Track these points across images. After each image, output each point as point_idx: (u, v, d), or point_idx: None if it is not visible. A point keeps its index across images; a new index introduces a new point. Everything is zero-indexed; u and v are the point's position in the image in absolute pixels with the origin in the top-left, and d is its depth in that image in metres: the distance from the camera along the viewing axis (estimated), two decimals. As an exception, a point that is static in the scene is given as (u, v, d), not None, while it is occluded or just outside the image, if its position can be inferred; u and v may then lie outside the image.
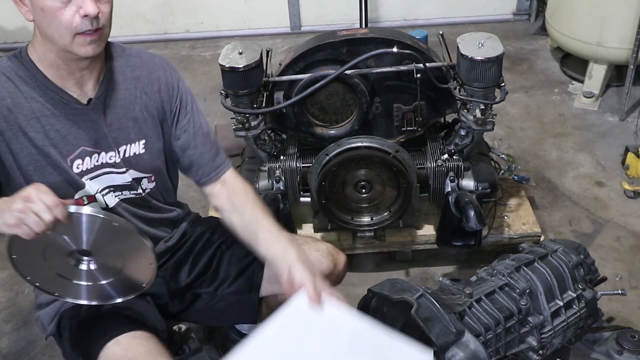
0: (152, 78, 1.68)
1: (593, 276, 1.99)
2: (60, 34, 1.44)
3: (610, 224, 2.72)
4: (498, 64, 2.06)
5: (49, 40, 1.47)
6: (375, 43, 2.18)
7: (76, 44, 1.45)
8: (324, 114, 2.28)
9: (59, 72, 1.52)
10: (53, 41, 1.46)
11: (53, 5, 1.41)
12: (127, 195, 1.68)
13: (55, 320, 1.68)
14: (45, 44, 1.49)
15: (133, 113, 1.65)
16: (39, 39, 1.50)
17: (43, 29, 1.46)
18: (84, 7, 1.41)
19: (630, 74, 3.21)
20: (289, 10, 4.53)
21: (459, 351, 1.61)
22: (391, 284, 1.78)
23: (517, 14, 4.54)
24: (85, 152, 1.58)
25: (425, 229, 2.43)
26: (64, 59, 1.50)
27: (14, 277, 2.67)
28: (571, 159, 3.13)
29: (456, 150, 2.26)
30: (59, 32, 1.43)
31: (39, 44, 1.50)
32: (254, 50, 2.18)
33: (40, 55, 1.51)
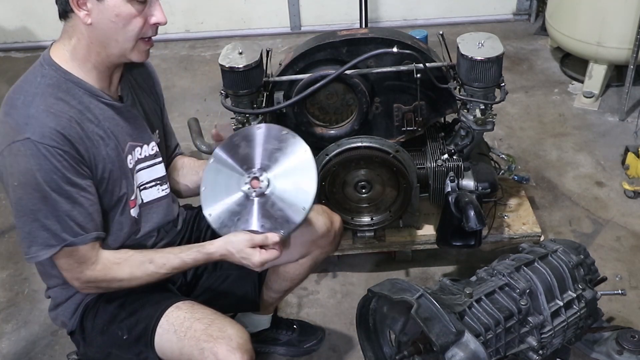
0: (150, 72, 1.78)
1: (593, 276, 1.99)
2: (127, 40, 1.49)
3: (610, 224, 2.72)
4: (498, 64, 2.06)
5: (102, 45, 1.49)
6: (375, 43, 2.18)
7: (136, 50, 1.52)
8: (324, 114, 2.28)
9: (99, 76, 1.55)
10: (111, 45, 1.49)
11: (130, 12, 1.45)
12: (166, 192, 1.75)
13: (77, 314, 1.69)
14: (95, 48, 1.50)
15: (148, 105, 1.73)
16: (84, 43, 1.49)
17: (105, 34, 1.47)
18: (156, 15, 1.50)
19: (630, 74, 3.21)
20: (289, 10, 4.53)
21: (459, 351, 1.61)
22: (391, 284, 1.78)
23: (517, 14, 4.54)
24: (132, 147, 1.63)
25: (425, 229, 2.42)
26: (109, 64, 1.54)
27: (14, 277, 2.67)
28: (571, 159, 3.13)
29: (456, 150, 2.26)
30: (126, 37, 1.48)
31: (81, 48, 1.50)
32: (254, 50, 2.18)
33: (79, 61, 1.51)
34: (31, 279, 2.64)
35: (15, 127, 1.43)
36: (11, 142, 1.42)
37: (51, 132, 1.42)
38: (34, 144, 1.41)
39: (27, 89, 1.48)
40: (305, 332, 2.27)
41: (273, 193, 1.57)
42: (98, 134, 1.52)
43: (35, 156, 1.41)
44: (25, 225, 1.47)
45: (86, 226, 1.50)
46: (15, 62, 4.49)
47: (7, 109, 1.47)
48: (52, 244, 1.47)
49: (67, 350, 2.20)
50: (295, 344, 2.23)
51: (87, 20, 1.45)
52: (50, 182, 1.43)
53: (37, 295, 2.56)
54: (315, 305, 2.45)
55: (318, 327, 2.31)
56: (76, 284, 1.57)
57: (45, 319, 2.45)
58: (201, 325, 1.53)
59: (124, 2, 1.44)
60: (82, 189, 1.49)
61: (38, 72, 1.51)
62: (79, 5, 1.44)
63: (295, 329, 2.25)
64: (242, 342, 1.52)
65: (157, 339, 1.56)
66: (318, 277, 2.56)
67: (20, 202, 1.45)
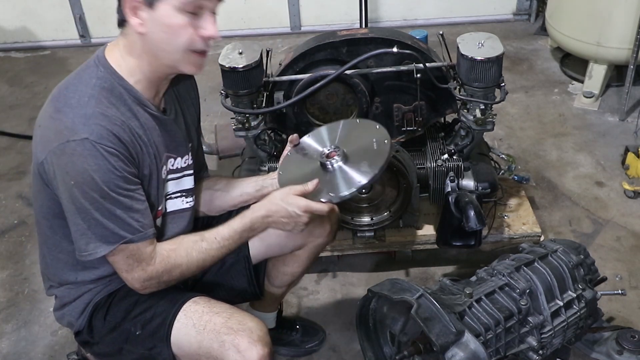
0: (193, 84, 1.79)
1: (593, 276, 1.99)
2: (176, 50, 1.48)
3: (610, 224, 2.72)
4: (498, 64, 2.06)
5: (154, 55, 1.50)
6: (375, 43, 2.18)
7: (185, 62, 1.51)
8: (324, 114, 2.28)
9: (148, 85, 1.56)
10: (161, 56, 1.50)
11: (180, 23, 1.45)
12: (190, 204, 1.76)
13: (85, 313, 1.68)
14: (146, 57, 1.51)
15: (190, 118, 1.74)
16: (137, 51, 1.50)
17: (156, 44, 1.48)
18: (208, 28, 1.48)
19: (630, 74, 3.21)
20: (289, 10, 4.53)
21: (459, 351, 1.61)
22: (391, 284, 1.78)
23: (517, 14, 4.54)
24: (167, 157, 1.65)
25: (425, 229, 2.42)
26: (160, 74, 1.56)
27: (14, 277, 2.67)
28: (571, 159, 3.13)
29: (456, 150, 2.26)
30: (175, 48, 1.48)
31: (134, 57, 1.51)
32: (254, 50, 2.18)
33: (131, 68, 1.52)
34: (31, 279, 2.64)
35: (71, 126, 1.42)
36: (66, 140, 1.42)
37: (108, 134, 1.43)
38: (92, 145, 1.41)
39: (82, 89, 1.47)
40: (307, 332, 2.27)
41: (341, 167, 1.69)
42: (142, 141, 1.53)
43: (93, 156, 1.41)
44: (83, 222, 1.47)
45: (144, 222, 1.51)
46: (15, 62, 4.49)
47: (60, 105, 1.47)
48: (110, 241, 1.48)
49: (67, 350, 2.20)
50: (297, 344, 2.23)
51: (140, 29, 1.46)
52: (108, 182, 1.44)
53: (37, 295, 2.56)
54: (315, 305, 2.45)
55: (319, 328, 2.31)
56: (137, 285, 1.57)
57: (45, 319, 2.45)
58: (220, 318, 1.55)
59: (175, 13, 1.44)
60: (137, 187, 1.51)
61: (93, 73, 1.50)
62: (133, 14, 1.45)
63: (298, 329, 2.26)
64: (262, 334, 1.53)
65: (174, 333, 1.57)
66: (318, 277, 2.56)
67: (77, 201, 1.45)
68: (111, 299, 1.67)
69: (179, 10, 1.44)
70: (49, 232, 1.63)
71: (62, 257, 1.64)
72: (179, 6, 1.43)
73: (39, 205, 1.60)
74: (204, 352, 1.53)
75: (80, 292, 1.68)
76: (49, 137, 1.45)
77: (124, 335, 1.62)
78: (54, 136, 1.44)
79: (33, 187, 1.60)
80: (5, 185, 3.24)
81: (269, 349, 1.52)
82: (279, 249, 1.88)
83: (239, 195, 1.89)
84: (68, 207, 1.48)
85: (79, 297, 1.69)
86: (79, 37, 4.59)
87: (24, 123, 3.75)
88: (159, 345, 1.58)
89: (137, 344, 1.61)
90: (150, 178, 1.58)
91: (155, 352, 1.59)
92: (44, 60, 4.47)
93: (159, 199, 1.64)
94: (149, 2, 1.43)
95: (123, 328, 1.63)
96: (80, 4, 4.46)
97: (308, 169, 1.75)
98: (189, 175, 1.73)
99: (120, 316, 1.64)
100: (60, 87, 1.52)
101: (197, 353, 1.55)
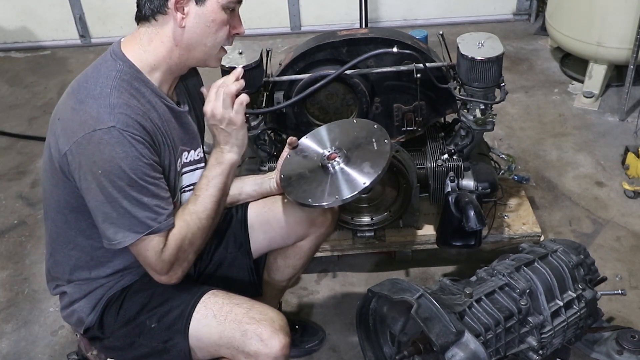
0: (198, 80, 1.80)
1: (593, 276, 1.99)
2: (214, 45, 1.57)
3: (610, 224, 2.72)
4: (498, 64, 2.06)
5: (190, 48, 1.55)
6: (375, 43, 2.18)
7: (215, 57, 1.61)
8: (324, 114, 2.28)
9: (165, 79, 1.59)
10: (198, 49, 1.55)
11: (223, 19, 1.54)
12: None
13: (97, 309, 1.68)
14: (179, 51, 1.54)
15: (198, 111, 1.75)
16: (168, 45, 1.53)
17: (197, 38, 1.53)
18: (238, 27, 1.59)
19: (630, 74, 3.21)
20: (289, 10, 4.53)
21: (459, 351, 1.61)
22: (391, 284, 1.78)
23: (517, 14, 4.54)
24: (182, 150, 1.66)
25: (425, 229, 2.42)
26: (184, 68, 1.60)
27: (14, 277, 2.67)
28: (571, 159, 3.13)
29: (456, 150, 2.26)
30: (214, 43, 1.56)
31: (162, 50, 1.54)
32: (254, 50, 2.18)
33: (155, 60, 1.54)
34: (31, 279, 2.64)
35: (96, 116, 1.43)
36: (92, 130, 1.42)
37: (133, 122, 1.45)
38: (119, 132, 1.42)
39: (103, 81, 1.49)
40: (306, 332, 2.27)
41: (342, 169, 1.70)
42: (162, 132, 1.55)
43: (121, 144, 1.42)
44: (111, 211, 1.48)
45: (169, 211, 1.52)
46: (15, 62, 4.49)
47: (82, 97, 1.47)
48: (138, 230, 1.49)
49: (67, 350, 2.20)
50: (296, 344, 2.23)
51: (182, 23, 1.50)
52: (136, 170, 1.45)
53: (37, 295, 2.56)
54: (315, 305, 2.46)
55: (319, 328, 2.31)
56: (163, 276, 1.57)
57: (45, 319, 2.45)
58: (241, 309, 1.57)
59: (220, 9, 1.52)
60: (162, 176, 1.53)
61: (112, 66, 1.52)
62: (177, 8, 1.49)
63: (298, 329, 2.26)
64: (284, 324, 1.56)
65: (193, 325, 1.58)
66: (318, 277, 2.57)
67: (104, 190, 1.45)
68: (125, 293, 1.68)
69: (223, 7, 1.52)
70: (63, 227, 1.63)
71: (75, 254, 1.64)
72: (225, 4, 1.52)
73: (55, 201, 1.60)
74: (224, 342, 1.55)
75: (92, 288, 1.68)
76: (72, 128, 1.46)
77: (138, 328, 1.63)
78: (78, 127, 1.44)
79: (46, 182, 1.60)
80: (5, 185, 3.24)
81: (289, 339, 1.55)
82: (281, 241, 1.89)
83: (238, 194, 1.89)
84: (95, 196, 1.47)
85: (90, 293, 1.69)
86: (79, 37, 4.59)
87: (24, 123, 3.75)
88: (175, 337, 1.58)
89: (151, 337, 1.61)
90: (170, 169, 1.59)
91: (171, 344, 1.59)
92: (44, 60, 4.47)
93: (175, 191, 1.65)
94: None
95: (137, 322, 1.63)
96: (80, 4, 4.46)
97: (308, 170, 1.75)
98: (201, 168, 1.73)
99: (134, 310, 1.64)
100: (79, 80, 1.53)
101: (216, 344, 1.56)
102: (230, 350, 1.55)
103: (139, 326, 1.63)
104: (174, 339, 1.59)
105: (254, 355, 1.52)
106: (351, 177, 1.66)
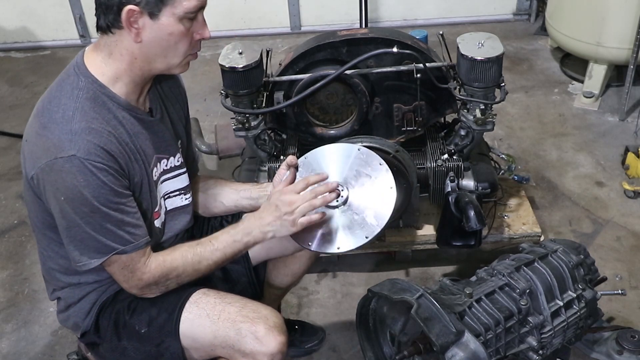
0: (177, 80, 1.77)
1: (593, 276, 1.99)
2: (176, 56, 1.51)
3: (610, 224, 2.72)
4: (498, 64, 2.06)
5: (149, 61, 1.50)
6: (375, 43, 2.18)
7: (179, 66, 1.55)
8: (324, 114, 2.28)
9: (133, 89, 1.55)
10: (158, 61, 1.51)
11: (181, 30, 1.47)
12: (189, 200, 1.76)
13: (92, 313, 1.68)
14: (138, 63, 1.50)
15: (176, 114, 1.74)
16: (127, 59, 1.49)
17: (155, 51, 1.49)
18: (202, 32, 1.53)
19: (630, 74, 3.21)
20: (289, 10, 4.52)
21: (459, 351, 1.61)
22: (391, 284, 1.78)
23: (517, 14, 4.54)
24: (158, 159, 1.64)
25: (425, 229, 2.42)
26: (148, 77, 1.56)
27: (14, 277, 2.67)
28: (571, 159, 3.13)
29: (456, 150, 2.26)
30: (175, 54, 1.51)
31: (122, 63, 1.50)
32: (254, 50, 2.18)
33: (116, 73, 1.51)
34: (31, 279, 2.64)
35: (58, 144, 1.42)
36: (54, 158, 1.41)
37: (96, 149, 1.42)
38: (80, 161, 1.40)
39: (66, 102, 1.46)
40: (306, 332, 2.27)
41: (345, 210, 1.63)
42: (130, 149, 1.53)
43: (82, 173, 1.41)
44: (75, 236, 1.48)
45: (136, 233, 1.51)
46: (15, 62, 4.49)
47: (45, 121, 1.46)
48: (102, 252, 1.49)
49: (67, 350, 2.21)
50: (296, 344, 2.23)
51: (137, 38, 1.46)
52: (98, 197, 1.43)
53: (37, 295, 2.56)
54: (315, 305, 2.45)
55: (319, 328, 2.31)
56: (135, 291, 1.57)
57: (45, 319, 2.45)
58: (234, 308, 1.56)
59: (177, 21, 1.46)
60: (128, 200, 1.50)
61: (74, 84, 1.49)
62: (131, 23, 1.44)
63: (297, 329, 2.26)
64: (278, 321, 1.55)
65: (186, 325, 1.57)
66: (318, 277, 2.57)
67: (68, 215, 1.45)
68: (117, 297, 1.68)
69: (180, 19, 1.46)
70: (45, 240, 1.63)
71: (62, 263, 1.64)
72: (182, 15, 1.46)
73: (34, 215, 1.60)
74: (219, 341, 1.54)
75: (85, 292, 1.68)
76: (37, 153, 1.45)
77: (129, 334, 1.62)
78: (41, 153, 1.44)
79: (25, 196, 1.60)
80: (5, 185, 3.24)
81: (285, 336, 1.54)
82: (279, 251, 1.88)
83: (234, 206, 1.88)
84: (59, 221, 1.48)
85: (84, 297, 1.68)
86: (79, 37, 4.59)
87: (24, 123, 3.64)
88: (167, 340, 1.58)
89: (143, 341, 1.61)
90: (142, 184, 1.57)
91: (163, 347, 1.59)
92: (44, 60, 4.47)
93: (153, 202, 1.63)
94: (151, 13, 1.43)
95: (129, 327, 1.63)
96: (80, 4, 4.46)
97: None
98: (183, 173, 1.73)
99: (125, 314, 1.64)
100: (43, 101, 1.51)
101: (211, 343, 1.56)
102: (227, 350, 1.55)
103: (131, 331, 1.62)
104: (165, 341, 1.58)
105: (251, 354, 1.52)
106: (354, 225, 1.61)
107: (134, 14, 1.42)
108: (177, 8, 1.44)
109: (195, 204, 1.86)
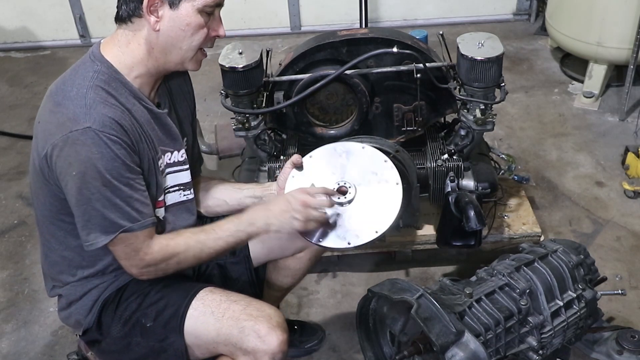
0: (186, 79, 1.81)
1: (593, 276, 1.99)
2: (190, 48, 1.56)
3: (610, 224, 2.72)
4: (498, 64, 2.06)
5: (165, 51, 1.54)
6: (375, 43, 2.18)
7: (193, 60, 1.59)
8: (324, 114, 2.28)
9: (147, 81, 1.59)
10: (173, 52, 1.55)
11: (199, 22, 1.53)
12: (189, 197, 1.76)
13: (94, 309, 1.68)
14: (155, 54, 1.54)
15: (183, 112, 1.76)
16: (145, 48, 1.54)
17: (171, 41, 1.53)
18: (218, 29, 1.58)
19: (630, 74, 3.21)
20: (289, 10, 4.53)
21: (459, 351, 1.61)
22: (391, 284, 1.78)
23: (517, 14, 4.54)
24: (164, 151, 1.66)
25: (425, 229, 2.42)
26: (163, 70, 1.60)
27: (14, 277, 2.67)
28: (571, 159, 3.13)
29: (456, 150, 2.26)
30: (190, 46, 1.55)
31: (140, 53, 1.54)
32: (254, 50, 2.18)
33: (133, 62, 1.55)
34: (31, 279, 2.64)
35: (73, 117, 1.44)
36: (69, 131, 1.43)
37: (110, 122, 1.45)
38: (95, 133, 1.43)
39: (80, 82, 1.49)
40: (306, 332, 2.27)
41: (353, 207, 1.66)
42: (140, 131, 1.55)
43: (96, 145, 1.43)
44: (84, 213, 1.49)
45: (143, 211, 1.53)
46: (15, 62, 4.49)
47: (59, 99, 1.48)
48: (109, 231, 1.50)
49: (67, 350, 2.20)
50: (296, 344, 2.23)
51: (156, 26, 1.50)
52: (111, 170, 1.45)
53: (37, 295, 2.56)
54: (315, 305, 2.45)
55: (318, 328, 2.31)
56: (134, 270, 1.58)
57: (45, 319, 2.45)
58: (239, 306, 1.57)
59: (195, 13, 1.51)
60: (138, 176, 1.53)
61: (90, 67, 1.52)
62: (151, 12, 1.49)
63: (296, 329, 2.25)
64: (281, 320, 1.57)
65: (190, 322, 1.58)
66: (318, 277, 2.57)
67: (78, 192, 1.46)
68: (120, 293, 1.68)
69: (199, 11, 1.51)
70: (52, 229, 1.63)
71: (68, 255, 1.65)
72: (200, 7, 1.51)
73: (41, 204, 1.61)
74: (222, 339, 1.55)
75: (87, 289, 1.68)
76: (50, 130, 1.47)
77: (134, 328, 1.63)
78: (56, 129, 1.45)
79: (33, 186, 1.61)
80: (5, 185, 3.24)
81: (287, 335, 1.55)
82: (280, 251, 1.89)
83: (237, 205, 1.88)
84: (70, 199, 1.49)
85: (85, 294, 1.69)
86: (79, 37, 4.59)
87: (24, 123, 3.75)
88: (171, 336, 1.59)
89: (148, 336, 1.61)
90: (149, 168, 1.59)
91: (167, 343, 1.59)
92: (44, 60, 4.47)
93: (159, 191, 1.64)
94: (172, 3, 1.49)
95: (134, 321, 1.63)
96: (80, 4, 4.46)
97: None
98: (185, 169, 1.74)
99: (131, 309, 1.65)
100: (57, 83, 1.54)
101: (214, 341, 1.56)
102: (228, 347, 1.55)
103: (136, 326, 1.63)
104: (169, 337, 1.59)
105: (252, 352, 1.52)
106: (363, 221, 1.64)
107: (155, 2, 1.48)
108: (197, 0, 1.50)
109: (198, 203, 1.87)
